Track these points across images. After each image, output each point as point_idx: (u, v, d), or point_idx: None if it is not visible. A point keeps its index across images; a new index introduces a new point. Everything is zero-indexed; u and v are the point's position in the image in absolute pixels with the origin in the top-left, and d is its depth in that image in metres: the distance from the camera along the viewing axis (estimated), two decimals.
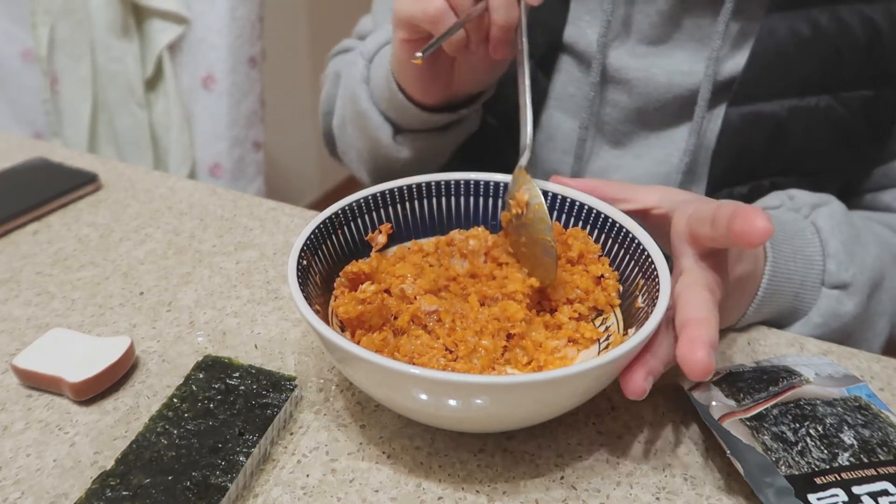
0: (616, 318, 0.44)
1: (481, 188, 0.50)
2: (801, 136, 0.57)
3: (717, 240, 0.39)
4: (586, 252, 0.46)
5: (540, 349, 0.42)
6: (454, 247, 0.49)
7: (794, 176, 0.59)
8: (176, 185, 0.69)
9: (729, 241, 0.37)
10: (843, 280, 0.50)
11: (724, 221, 0.37)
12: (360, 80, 0.63)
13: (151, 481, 0.36)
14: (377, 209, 0.49)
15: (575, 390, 0.37)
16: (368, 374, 0.37)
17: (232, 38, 1.24)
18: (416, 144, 0.62)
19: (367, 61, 0.64)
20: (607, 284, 0.45)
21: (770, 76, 0.56)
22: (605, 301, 0.45)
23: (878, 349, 0.55)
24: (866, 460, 0.37)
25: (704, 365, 0.35)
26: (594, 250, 0.46)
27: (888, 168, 0.61)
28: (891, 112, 0.57)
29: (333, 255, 0.46)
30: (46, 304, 0.52)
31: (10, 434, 0.42)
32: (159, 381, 0.45)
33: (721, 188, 0.60)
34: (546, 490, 0.38)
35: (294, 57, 2.06)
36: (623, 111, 0.62)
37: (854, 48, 0.54)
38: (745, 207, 0.36)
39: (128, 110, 1.28)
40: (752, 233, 0.35)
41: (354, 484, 0.39)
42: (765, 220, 0.35)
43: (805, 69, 0.55)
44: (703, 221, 0.39)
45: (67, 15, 1.21)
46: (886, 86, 0.56)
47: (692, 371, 0.35)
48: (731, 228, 0.36)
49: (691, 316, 0.37)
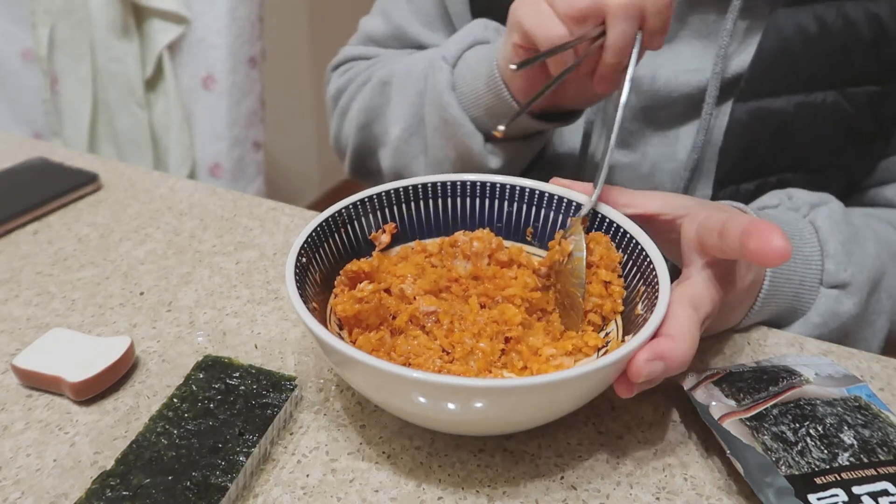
0: (616, 325, 0.44)
1: (487, 190, 0.50)
2: (807, 133, 0.57)
3: (727, 252, 0.39)
4: (607, 259, 0.45)
5: (535, 356, 0.42)
6: (458, 248, 0.49)
7: (801, 172, 0.59)
8: (176, 185, 0.69)
9: (742, 258, 0.37)
10: (841, 280, 0.50)
11: (735, 235, 0.37)
12: (446, 87, 0.60)
13: (151, 481, 0.36)
14: (381, 208, 0.49)
15: (571, 394, 0.37)
16: (366, 377, 0.37)
17: (232, 38, 1.24)
18: (505, 152, 0.60)
19: (451, 66, 0.61)
20: (613, 291, 0.44)
21: (777, 72, 0.56)
22: (610, 308, 0.44)
23: (877, 348, 0.55)
24: (866, 460, 0.37)
25: (637, 366, 0.36)
26: (616, 258, 0.45)
27: (890, 163, 0.61)
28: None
29: (336, 253, 0.46)
30: (46, 304, 0.52)
31: (10, 434, 0.42)
32: (159, 381, 0.45)
33: (727, 185, 0.60)
34: (546, 490, 0.38)
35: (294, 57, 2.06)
36: (630, 110, 0.62)
37: (860, 44, 0.55)
38: (759, 224, 0.36)
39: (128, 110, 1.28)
40: (768, 254, 0.35)
41: (354, 484, 0.39)
42: (782, 240, 0.35)
43: (811, 65, 0.56)
44: (712, 232, 0.39)
45: (67, 15, 1.21)
46: (893, 81, 0.56)
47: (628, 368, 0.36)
48: (745, 246, 0.36)
49: (665, 331, 0.37)
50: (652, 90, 0.60)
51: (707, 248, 0.41)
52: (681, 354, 0.36)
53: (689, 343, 0.37)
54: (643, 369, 0.36)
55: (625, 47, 0.46)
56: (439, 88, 0.60)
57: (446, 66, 0.60)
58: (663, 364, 0.36)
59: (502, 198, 0.50)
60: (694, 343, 0.37)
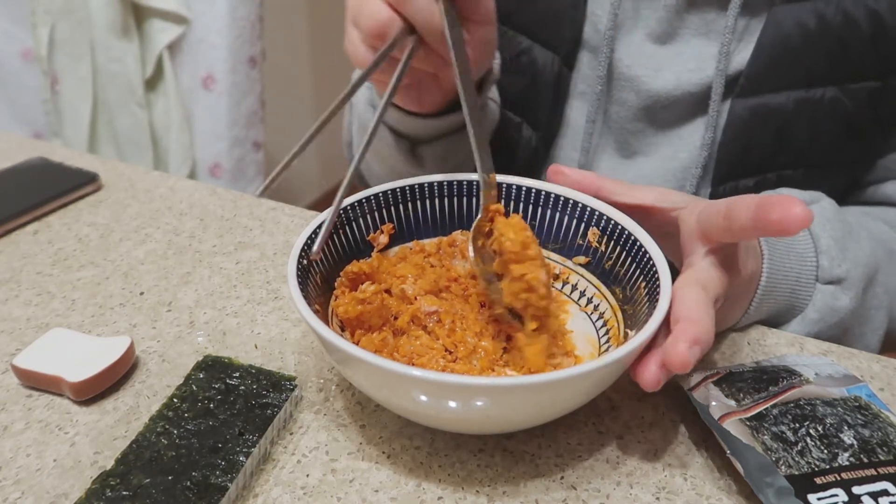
0: (617, 320, 0.44)
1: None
2: (807, 129, 0.57)
3: (735, 232, 0.39)
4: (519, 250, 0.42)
5: None
6: (456, 247, 0.49)
7: (801, 169, 0.59)
8: (176, 185, 0.69)
9: (753, 234, 0.37)
10: (836, 275, 0.50)
11: (745, 213, 0.37)
12: (366, 104, 0.63)
13: (151, 481, 0.36)
14: (379, 209, 0.49)
15: (575, 392, 0.37)
16: (368, 376, 0.37)
17: (232, 38, 1.24)
18: (436, 152, 0.61)
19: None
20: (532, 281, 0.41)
21: (776, 68, 0.56)
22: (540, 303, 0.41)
23: (876, 343, 0.55)
24: (866, 460, 0.37)
25: (683, 357, 0.35)
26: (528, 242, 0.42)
27: (889, 160, 0.61)
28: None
29: (335, 254, 0.46)
30: (46, 304, 0.52)
31: (10, 434, 0.42)
32: (159, 381, 0.45)
33: (727, 181, 0.60)
34: (546, 490, 0.38)
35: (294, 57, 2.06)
36: (631, 110, 0.62)
37: (860, 40, 0.55)
38: (775, 196, 0.36)
39: (128, 110, 1.28)
40: (790, 220, 0.35)
41: (354, 484, 0.39)
42: (802, 206, 0.35)
43: (811, 61, 0.56)
44: (716, 216, 0.40)
45: (67, 15, 1.21)
46: (892, 77, 0.56)
47: (671, 362, 0.36)
48: (764, 218, 0.36)
49: (683, 315, 0.37)
50: (653, 90, 0.60)
51: (711, 234, 0.41)
52: (706, 334, 0.36)
53: (709, 322, 0.37)
54: (689, 357, 0.35)
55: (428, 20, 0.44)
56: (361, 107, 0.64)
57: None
58: (699, 347, 0.36)
59: (498, 197, 0.50)
60: (712, 321, 0.37)
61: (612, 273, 0.46)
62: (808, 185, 0.57)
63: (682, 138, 0.61)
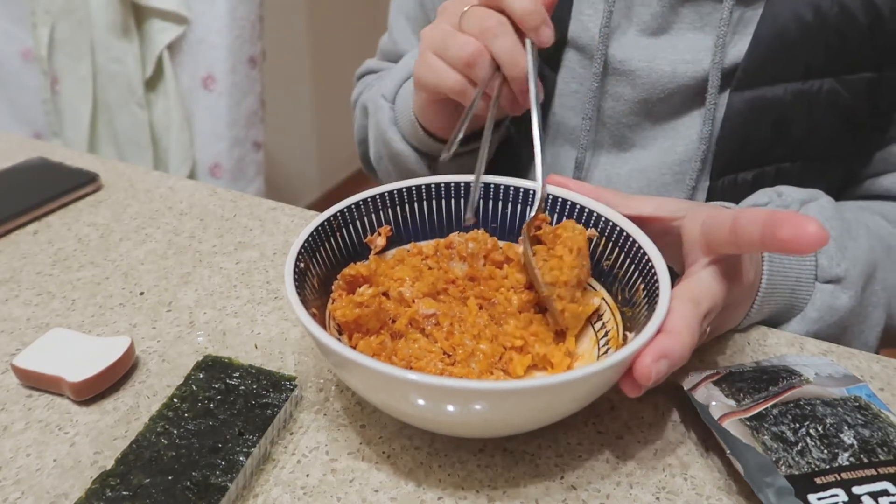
0: (616, 322, 0.44)
1: (481, 191, 0.50)
2: (805, 121, 0.57)
3: (741, 246, 0.39)
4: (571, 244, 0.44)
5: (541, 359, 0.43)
6: (453, 249, 0.49)
7: (799, 162, 0.59)
8: (176, 185, 0.69)
9: (761, 249, 0.37)
10: (835, 274, 0.50)
11: (753, 228, 0.37)
12: (389, 124, 0.64)
13: (151, 481, 0.36)
14: (376, 211, 0.49)
15: (574, 395, 0.36)
16: (365, 380, 0.36)
17: (232, 38, 1.24)
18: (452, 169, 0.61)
19: (391, 103, 0.65)
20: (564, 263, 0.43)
21: (773, 61, 0.56)
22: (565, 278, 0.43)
23: (874, 340, 0.55)
24: (866, 460, 0.37)
25: (646, 371, 0.36)
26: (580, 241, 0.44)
27: (887, 153, 0.61)
28: (894, 94, 0.57)
29: (332, 257, 0.46)
30: (46, 304, 0.52)
31: (10, 434, 0.42)
32: (159, 381, 0.45)
33: (725, 175, 0.60)
34: (546, 490, 0.38)
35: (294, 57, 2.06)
36: (627, 104, 0.62)
37: (856, 31, 0.54)
38: (786, 214, 0.36)
39: (128, 110, 1.28)
40: (804, 240, 0.35)
41: (354, 484, 0.39)
42: (816, 225, 0.35)
43: (808, 53, 0.55)
44: (721, 228, 0.39)
45: (67, 15, 1.21)
46: (889, 68, 0.56)
47: (634, 372, 0.36)
48: (775, 236, 0.36)
49: (665, 327, 0.37)
50: (648, 83, 0.60)
51: (715, 246, 0.41)
52: (680, 349, 0.36)
53: (688, 337, 0.37)
54: (651, 371, 0.36)
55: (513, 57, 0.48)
56: (383, 126, 0.65)
57: (385, 104, 0.65)
58: (667, 361, 0.36)
59: (496, 198, 0.50)
60: (693, 337, 0.37)
61: (611, 273, 0.46)
62: (806, 179, 0.57)
63: (679, 131, 0.61)
